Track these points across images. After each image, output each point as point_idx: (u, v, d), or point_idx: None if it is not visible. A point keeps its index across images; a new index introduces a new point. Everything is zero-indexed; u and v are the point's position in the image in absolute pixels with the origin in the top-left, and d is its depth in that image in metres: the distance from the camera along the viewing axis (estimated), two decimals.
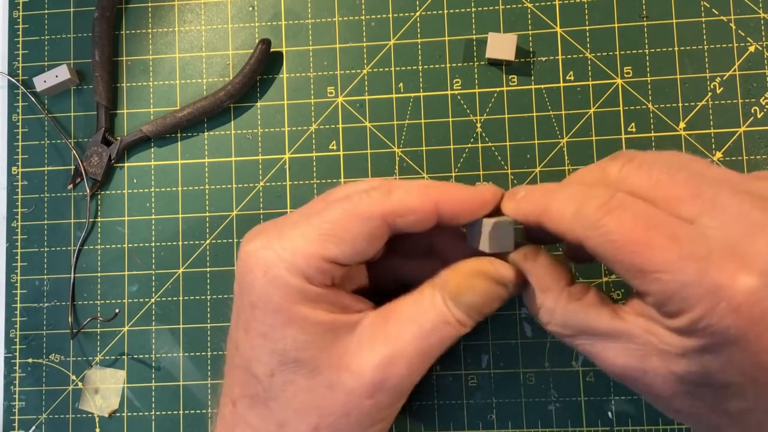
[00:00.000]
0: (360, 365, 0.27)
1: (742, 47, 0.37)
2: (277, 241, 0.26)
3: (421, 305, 0.28)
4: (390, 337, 0.27)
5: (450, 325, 0.28)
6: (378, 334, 0.27)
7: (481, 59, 0.38)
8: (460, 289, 0.28)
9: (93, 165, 0.39)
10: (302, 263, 0.26)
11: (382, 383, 0.27)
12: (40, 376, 0.39)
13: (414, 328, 0.27)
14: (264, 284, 0.26)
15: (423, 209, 0.27)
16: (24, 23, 0.41)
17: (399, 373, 0.27)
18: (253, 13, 0.40)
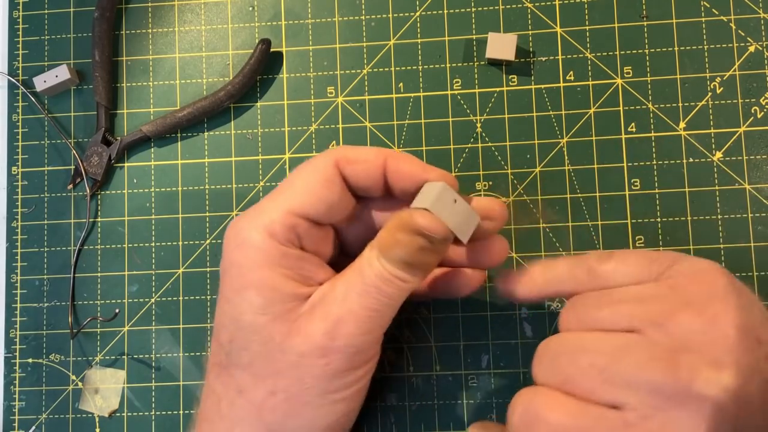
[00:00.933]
0: (310, 328, 0.27)
1: (742, 47, 0.37)
2: (251, 211, 0.28)
3: (361, 265, 0.28)
4: (337, 300, 0.28)
5: (390, 282, 0.27)
6: (327, 298, 0.28)
7: (481, 59, 0.38)
8: (388, 245, 0.28)
9: (93, 165, 0.39)
10: (266, 219, 0.28)
11: (332, 342, 0.27)
12: (40, 376, 0.39)
13: (357, 287, 0.27)
14: (232, 248, 0.28)
15: (370, 159, 0.29)
16: (24, 23, 0.41)
17: (348, 331, 0.27)
18: (253, 13, 0.40)
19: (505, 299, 0.37)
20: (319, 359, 0.27)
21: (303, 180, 0.29)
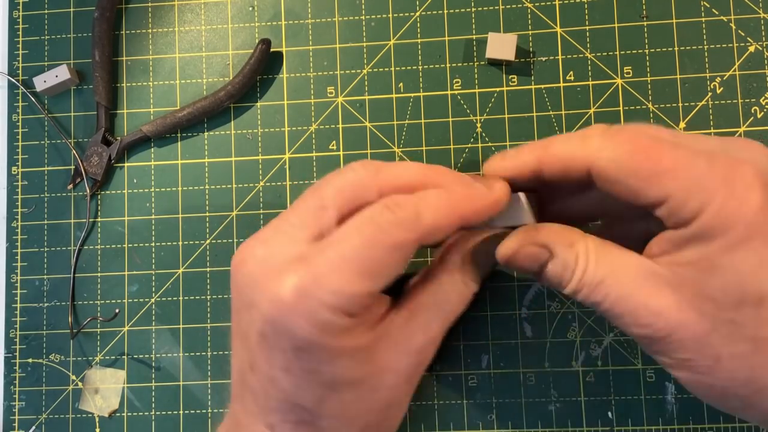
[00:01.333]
0: (398, 363, 0.28)
1: (742, 47, 0.37)
2: (318, 288, 0.25)
3: (441, 296, 0.30)
4: (420, 330, 0.29)
5: (467, 297, 0.30)
6: (406, 330, 0.29)
7: (481, 59, 0.38)
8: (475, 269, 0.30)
9: (93, 165, 0.39)
10: (345, 303, 0.26)
11: (417, 369, 0.29)
12: (40, 376, 0.39)
13: (440, 315, 0.29)
14: (311, 331, 0.25)
15: (451, 227, 0.27)
16: (24, 23, 0.41)
17: (430, 355, 0.30)
18: (253, 13, 0.40)
19: (506, 300, 0.37)
20: (406, 385, 0.29)
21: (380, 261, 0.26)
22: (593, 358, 0.36)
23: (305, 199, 0.28)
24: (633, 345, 0.36)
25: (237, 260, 0.28)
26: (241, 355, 0.28)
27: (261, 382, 0.27)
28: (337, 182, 0.28)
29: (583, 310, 0.37)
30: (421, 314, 0.29)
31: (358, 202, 0.27)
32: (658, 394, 0.36)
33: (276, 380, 0.27)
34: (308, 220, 0.27)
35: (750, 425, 0.35)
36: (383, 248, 0.26)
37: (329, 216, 0.27)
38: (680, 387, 0.36)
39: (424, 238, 0.27)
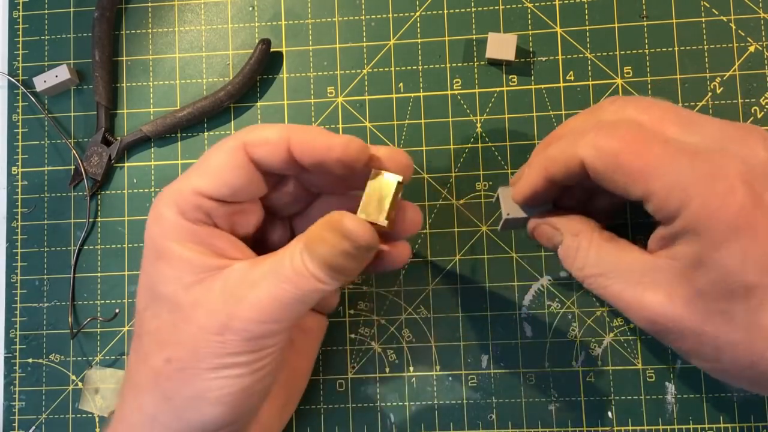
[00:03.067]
0: (214, 304, 0.27)
1: (742, 47, 0.37)
2: (168, 187, 0.29)
3: (282, 255, 0.27)
4: (247, 283, 0.27)
5: (305, 278, 0.27)
6: (241, 279, 0.27)
7: (481, 59, 0.38)
8: (314, 241, 0.27)
9: (93, 165, 0.39)
10: (177, 196, 0.28)
11: (230, 322, 0.27)
12: (40, 376, 0.39)
13: (271, 276, 0.27)
14: (150, 223, 0.29)
15: (274, 140, 0.28)
16: (24, 23, 0.41)
17: (248, 316, 0.27)
18: (253, 13, 0.40)
19: (506, 300, 0.37)
20: (216, 336, 0.27)
21: (212, 161, 0.29)
22: (593, 358, 0.36)
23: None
24: (633, 345, 0.36)
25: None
26: None
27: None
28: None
29: (583, 310, 0.37)
30: (257, 269, 0.27)
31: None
32: (658, 394, 0.36)
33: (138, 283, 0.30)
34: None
35: (750, 425, 0.35)
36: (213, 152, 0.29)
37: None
38: (680, 387, 0.36)
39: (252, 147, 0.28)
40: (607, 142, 0.26)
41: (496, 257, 0.37)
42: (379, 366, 0.37)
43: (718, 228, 0.25)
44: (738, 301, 0.25)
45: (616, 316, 0.37)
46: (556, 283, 0.37)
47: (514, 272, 0.37)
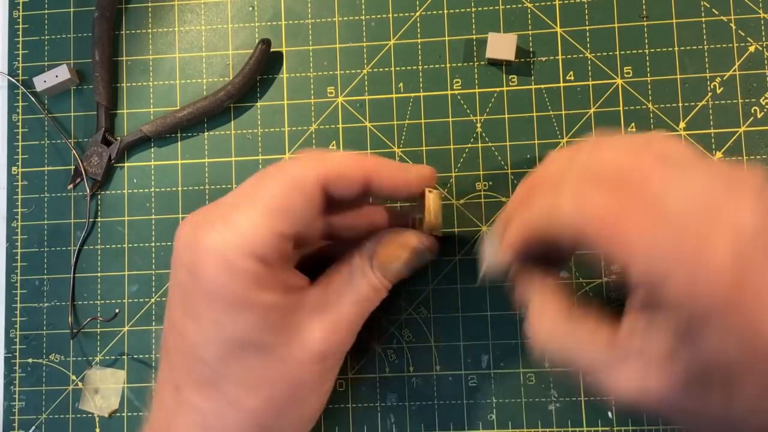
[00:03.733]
0: (308, 337, 0.28)
1: (742, 47, 0.37)
2: (225, 228, 0.27)
3: (355, 277, 0.30)
4: (331, 308, 0.29)
5: (380, 291, 0.30)
6: (321, 306, 0.29)
7: (481, 59, 0.38)
8: (389, 260, 0.30)
9: (93, 165, 0.39)
10: (256, 244, 0.26)
11: (329, 349, 0.29)
12: (40, 376, 0.39)
13: (351, 297, 0.30)
14: (218, 273, 0.26)
15: (354, 176, 0.28)
16: (24, 23, 0.41)
17: (341, 338, 0.29)
18: (253, 13, 0.40)
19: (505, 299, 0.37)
20: (317, 364, 0.29)
21: (286, 198, 0.27)
22: None
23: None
24: None
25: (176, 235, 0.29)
26: (165, 318, 0.29)
27: (175, 339, 0.28)
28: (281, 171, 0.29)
29: None
30: (333, 291, 0.30)
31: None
32: None
33: (186, 334, 0.28)
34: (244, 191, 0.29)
35: None
36: (284, 185, 0.27)
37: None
38: None
39: (328, 182, 0.28)
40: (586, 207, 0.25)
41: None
42: (379, 366, 0.37)
43: (699, 307, 0.23)
44: (717, 380, 0.24)
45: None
46: None
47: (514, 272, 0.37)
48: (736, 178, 0.25)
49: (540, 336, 0.28)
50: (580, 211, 0.25)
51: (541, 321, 0.28)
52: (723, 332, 0.23)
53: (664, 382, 0.25)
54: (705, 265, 0.23)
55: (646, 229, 0.24)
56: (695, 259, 0.23)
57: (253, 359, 0.27)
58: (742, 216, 0.23)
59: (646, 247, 0.24)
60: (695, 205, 0.24)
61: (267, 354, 0.28)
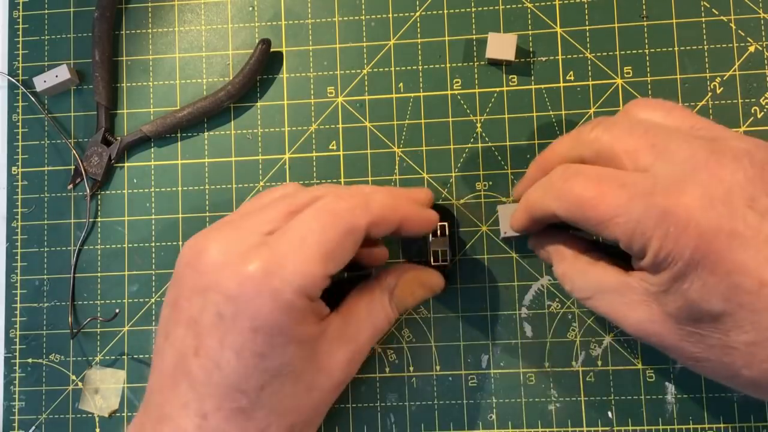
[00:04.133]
0: (331, 366, 0.30)
1: (742, 47, 0.37)
2: (282, 268, 0.27)
3: (374, 308, 0.32)
4: (351, 337, 0.31)
5: (391, 323, 0.32)
6: (342, 335, 0.30)
7: (481, 59, 0.38)
8: (406, 296, 0.33)
9: (93, 165, 0.39)
10: (309, 286, 0.28)
11: (348, 377, 0.31)
12: (40, 376, 0.39)
13: (369, 327, 0.31)
14: (272, 309, 0.27)
15: (393, 221, 0.31)
16: (24, 23, 0.41)
17: (357, 366, 0.31)
18: (253, 13, 0.40)
19: (506, 300, 0.37)
20: (336, 392, 0.31)
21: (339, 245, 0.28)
22: (593, 358, 0.36)
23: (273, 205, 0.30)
24: (633, 345, 0.36)
25: (193, 250, 0.29)
26: (183, 342, 0.28)
27: (205, 367, 0.28)
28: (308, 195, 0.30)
29: (583, 310, 0.37)
30: (354, 322, 0.31)
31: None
32: (658, 394, 0.36)
33: (223, 364, 0.28)
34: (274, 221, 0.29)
35: (750, 425, 0.35)
36: (338, 231, 0.28)
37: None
38: (680, 387, 0.36)
39: (372, 227, 0.30)
40: (569, 193, 0.28)
41: (496, 257, 0.37)
42: (379, 366, 0.37)
43: (677, 265, 0.26)
44: (707, 326, 0.27)
45: None
46: (556, 283, 0.37)
47: (514, 272, 0.37)
48: (720, 145, 0.27)
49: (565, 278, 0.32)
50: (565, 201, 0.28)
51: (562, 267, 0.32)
52: (701, 285, 0.26)
53: (663, 317, 0.28)
54: (675, 229, 0.25)
55: (619, 208, 0.27)
56: (667, 225, 0.26)
57: (288, 387, 0.28)
58: (719, 175, 0.26)
59: (624, 221, 0.27)
60: (675, 170, 0.27)
61: (298, 382, 0.29)
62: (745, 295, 0.25)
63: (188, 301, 0.29)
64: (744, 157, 0.27)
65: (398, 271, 0.33)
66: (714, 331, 0.27)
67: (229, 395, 0.28)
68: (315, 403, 0.30)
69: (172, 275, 0.30)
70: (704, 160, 0.27)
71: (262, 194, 0.32)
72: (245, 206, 0.32)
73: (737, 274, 0.25)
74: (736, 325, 0.26)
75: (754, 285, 0.25)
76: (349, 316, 0.31)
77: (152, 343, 0.38)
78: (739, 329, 0.26)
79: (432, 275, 0.35)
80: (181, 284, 0.29)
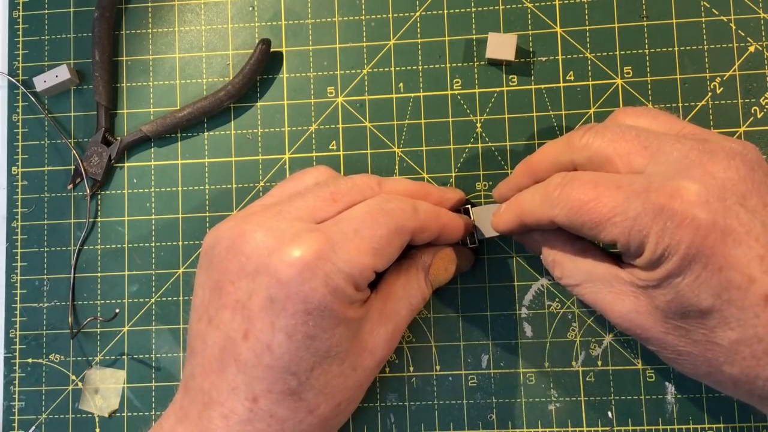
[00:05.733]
0: (374, 345, 0.31)
1: (742, 47, 0.37)
2: (334, 254, 0.28)
3: (411, 286, 0.33)
4: (391, 316, 0.32)
5: (425, 299, 0.33)
6: (382, 315, 0.31)
7: (481, 59, 0.38)
8: (439, 272, 0.34)
9: (93, 165, 0.39)
10: (357, 275, 0.29)
11: (388, 355, 0.32)
12: (40, 376, 0.39)
13: (406, 305, 0.32)
14: (324, 294, 0.28)
15: (434, 228, 0.32)
16: (24, 23, 0.41)
17: (396, 343, 0.32)
18: (253, 13, 0.40)
19: (506, 300, 0.37)
20: (377, 369, 0.32)
21: (390, 243, 0.30)
22: (593, 358, 0.36)
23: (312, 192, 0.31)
24: (633, 345, 0.36)
25: (233, 234, 0.29)
26: (230, 325, 0.29)
27: (255, 350, 0.28)
28: (347, 184, 0.31)
29: (583, 310, 0.37)
30: (393, 301, 0.32)
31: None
32: (658, 394, 0.36)
33: (274, 347, 0.28)
34: (317, 208, 0.30)
35: (750, 425, 0.35)
36: (390, 229, 0.29)
37: (336, 208, 0.30)
38: (680, 387, 0.36)
39: (417, 231, 0.31)
40: (568, 200, 0.28)
41: (496, 257, 0.37)
42: None
43: (672, 260, 0.26)
44: (694, 321, 0.27)
45: None
46: (556, 283, 0.37)
47: (514, 272, 0.37)
48: (712, 145, 0.28)
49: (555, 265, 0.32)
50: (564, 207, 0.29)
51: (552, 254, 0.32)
52: (694, 280, 0.26)
53: (650, 309, 0.28)
54: (671, 225, 0.26)
55: (617, 208, 0.27)
56: (662, 222, 0.26)
57: (335, 368, 0.29)
58: (712, 171, 0.27)
59: (622, 222, 0.27)
60: (669, 170, 0.27)
61: (344, 363, 0.30)
62: (735, 290, 0.26)
63: (233, 284, 0.29)
64: (736, 156, 0.27)
65: (432, 249, 0.34)
66: (700, 326, 0.27)
67: (280, 378, 0.28)
68: (359, 382, 0.31)
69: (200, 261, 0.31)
70: (697, 158, 0.27)
71: (293, 178, 0.33)
72: (276, 192, 0.33)
73: (729, 270, 0.26)
74: (723, 321, 0.26)
75: (743, 281, 0.26)
76: (388, 295, 0.32)
77: (152, 343, 0.38)
78: (726, 326, 0.26)
79: (463, 252, 0.35)
80: (222, 268, 0.29)
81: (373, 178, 0.32)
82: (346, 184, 0.31)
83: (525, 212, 0.31)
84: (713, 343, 0.27)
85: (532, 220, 0.31)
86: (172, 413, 0.30)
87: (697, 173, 0.27)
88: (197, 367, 0.30)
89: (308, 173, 0.33)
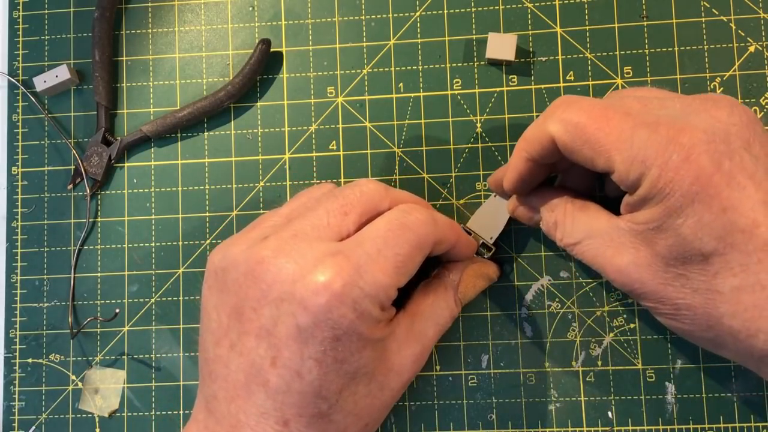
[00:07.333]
0: (401, 365, 0.31)
1: (742, 47, 0.37)
2: (360, 279, 0.28)
3: (439, 305, 0.33)
4: (418, 336, 0.31)
5: (454, 318, 0.33)
6: (409, 334, 0.31)
7: (481, 59, 0.38)
8: (468, 289, 0.34)
9: (93, 165, 0.39)
10: (382, 296, 0.28)
11: (414, 375, 0.31)
12: (40, 376, 0.39)
13: (434, 325, 0.32)
14: (353, 319, 0.27)
15: (450, 241, 0.32)
16: (24, 23, 0.41)
17: (423, 363, 0.32)
18: (253, 13, 0.40)
19: (506, 300, 0.37)
20: (403, 389, 0.31)
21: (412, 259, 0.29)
22: (593, 358, 0.36)
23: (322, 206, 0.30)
24: (633, 345, 0.36)
25: (251, 259, 0.28)
26: (255, 352, 0.28)
27: (284, 377, 0.28)
28: (355, 193, 0.30)
29: (583, 310, 0.37)
30: (420, 321, 0.32)
31: (374, 212, 0.30)
32: (658, 394, 0.36)
33: (304, 373, 0.28)
34: (331, 225, 0.29)
35: (750, 425, 0.35)
36: (412, 245, 0.29)
37: (350, 221, 0.30)
38: (680, 387, 0.36)
39: (437, 243, 0.30)
40: (572, 116, 0.28)
41: (496, 257, 0.37)
42: None
43: (674, 196, 0.26)
44: (695, 267, 0.27)
45: (616, 316, 0.37)
46: (556, 283, 0.37)
47: (514, 272, 0.37)
48: (714, 97, 0.28)
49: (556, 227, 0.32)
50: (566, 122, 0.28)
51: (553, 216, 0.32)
52: (697, 220, 0.26)
53: (650, 260, 0.28)
54: (677, 159, 0.26)
55: (624, 132, 0.27)
56: (669, 154, 0.26)
57: (363, 388, 0.29)
58: (717, 116, 0.27)
59: (626, 147, 0.27)
60: (673, 114, 0.27)
61: (371, 383, 0.29)
62: (739, 233, 0.25)
63: (255, 311, 0.28)
64: (737, 106, 0.28)
65: (460, 266, 0.34)
66: (701, 273, 0.27)
67: (310, 402, 0.28)
68: (386, 402, 0.30)
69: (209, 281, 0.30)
70: (701, 105, 0.27)
71: (297, 197, 0.33)
72: (284, 211, 0.32)
73: (732, 212, 0.25)
74: (726, 266, 0.26)
75: (748, 224, 0.25)
76: (415, 315, 0.32)
77: (152, 343, 0.38)
78: (728, 271, 0.26)
79: (489, 265, 0.36)
80: (241, 294, 0.29)
81: (379, 183, 0.31)
82: (353, 192, 0.30)
83: (527, 139, 0.30)
84: (714, 291, 0.27)
85: (536, 146, 0.30)
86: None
87: (704, 116, 0.27)
88: (220, 391, 0.29)
89: (310, 190, 0.33)
